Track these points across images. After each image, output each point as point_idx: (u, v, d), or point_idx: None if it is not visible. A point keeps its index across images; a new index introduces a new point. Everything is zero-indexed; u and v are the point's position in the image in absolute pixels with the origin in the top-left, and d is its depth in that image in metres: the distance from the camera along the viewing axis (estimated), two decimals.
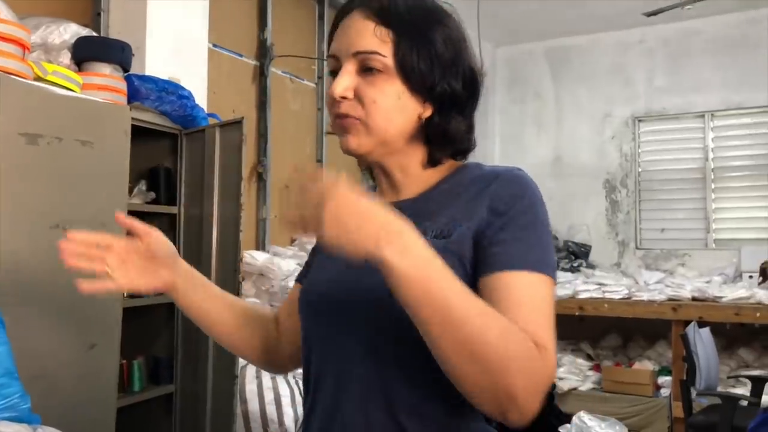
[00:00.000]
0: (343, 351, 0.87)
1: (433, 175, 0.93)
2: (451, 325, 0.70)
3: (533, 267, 0.80)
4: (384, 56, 0.85)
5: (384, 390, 0.83)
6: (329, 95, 0.87)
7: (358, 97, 0.86)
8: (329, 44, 0.91)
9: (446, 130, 0.89)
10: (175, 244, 2.70)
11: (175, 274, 1.01)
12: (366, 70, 0.86)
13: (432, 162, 0.92)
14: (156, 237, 1.02)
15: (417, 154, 0.92)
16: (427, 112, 0.88)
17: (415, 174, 0.93)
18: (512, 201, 0.84)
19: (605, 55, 5.43)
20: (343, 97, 0.86)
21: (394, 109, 0.86)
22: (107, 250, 0.98)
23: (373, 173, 0.98)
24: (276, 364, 1.13)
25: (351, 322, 0.86)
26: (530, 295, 0.79)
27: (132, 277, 0.97)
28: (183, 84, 2.66)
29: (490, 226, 0.83)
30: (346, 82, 0.86)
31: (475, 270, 0.82)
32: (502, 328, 0.72)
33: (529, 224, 0.83)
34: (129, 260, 0.98)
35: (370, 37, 0.85)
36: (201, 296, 1.04)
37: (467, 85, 0.90)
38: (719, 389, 3.61)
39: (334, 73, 0.88)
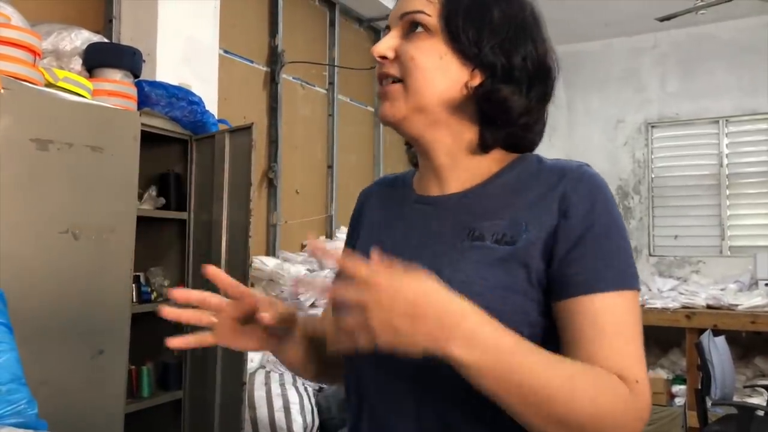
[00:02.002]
0: (389, 374, 0.79)
1: (486, 165, 0.84)
2: (536, 405, 0.66)
3: (614, 285, 0.73)
4: (428, 15, 0.80)
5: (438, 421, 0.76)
6: (372, 56, 0.83)
7: (399, 57, 0.81)
8: None
9: (497, 97, 0.79)
10: (184, 249, 2.73)
11: (282, 341, 0.88)
12: (411, 32, 0.82)
13: (483, 146, 0.83)
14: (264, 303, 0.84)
15: (465, 135, 0.83)
16: (476, 81, 0.80)
17: (464, 160, 0.83)
18: (586, 207, 0.76)
19: (618, 60, 5.40)
20: (384, 57, 0.82)
21: (435, 68, 0.79)
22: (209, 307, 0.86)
23: (418, 160, 0.89)
24: None
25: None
26: (613, 321, 0.72)
27: (226, 336, 0.86)
28: (194, 90, 2.66)
29: (563, 238, 0.75)
30: (387, 41, 0.82)
31: (543, 284, 0.75)
32: (593, 389, 0.67)
33: (606, 234, 0.75)
34: (228, 320, 0.86)
35: None
36: (294, 352, 0.91)
37: (531, 63, 0.82)
38: (735, 399, 3.55)
39: None
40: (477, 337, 0.65)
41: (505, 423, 0.70)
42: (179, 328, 2.73)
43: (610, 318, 0.72)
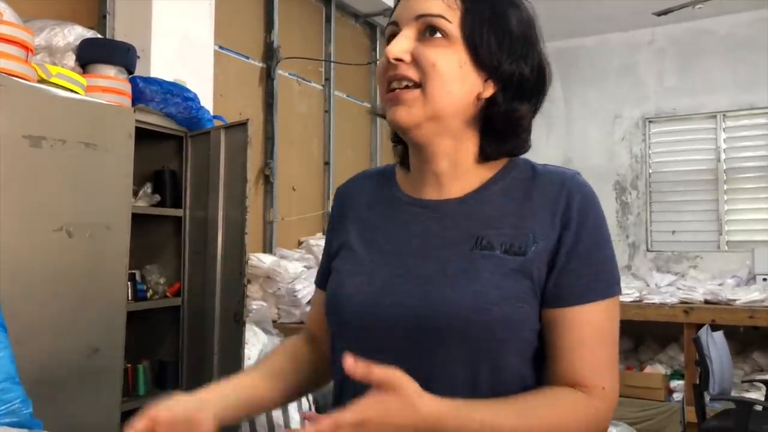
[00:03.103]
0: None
1: (483, 172, 0.84)
2: None
3: (600, 295, 0.78)
4: (450, 21, 0.78)
5: None
6: (383, 59, 0.80)
7: (416, 61, 0.78)
8: (392, 13, 0.85)
9: (511, 114, 0.80)
10: (180, 247, 2.72)
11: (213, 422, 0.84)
12: (427, 35, 0.79)
13: (485, 155, 0.83)
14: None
15: (468, 144, 0.83)
16: (488, 92, 0.80)
17: (465, 168, 0.83)
18: (581, 218, 0.79)
19: (615, 55, 5.38)
20: (399, 60, 0.78)
21: (455, 77, 0.78)
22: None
23: (409, 161, 0.88)
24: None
25: (424, 349, 0.79)
26: (593, 332, 0.78)
27: None
28: (189, 86, 2.64)
29: (562, 250, 0.78)
30: (403, 43, 0.79)
31: (542, 291, 0.79)
32: (553, 422, 0.75)
33: (597, 245, 0.79)
34: None
35: (438, 3, 0.79)
36: (245, 408, 0.90)
37: (536, 75, 0.82)
38: (733, 394, 3.56)
39: (391, 39, 0.82)
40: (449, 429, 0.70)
41: None
42: (175, 327, 2.72)
43: (590, 330, 0.78)
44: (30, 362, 1.77)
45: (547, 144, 5.58)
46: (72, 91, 2.13)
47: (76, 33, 2.35)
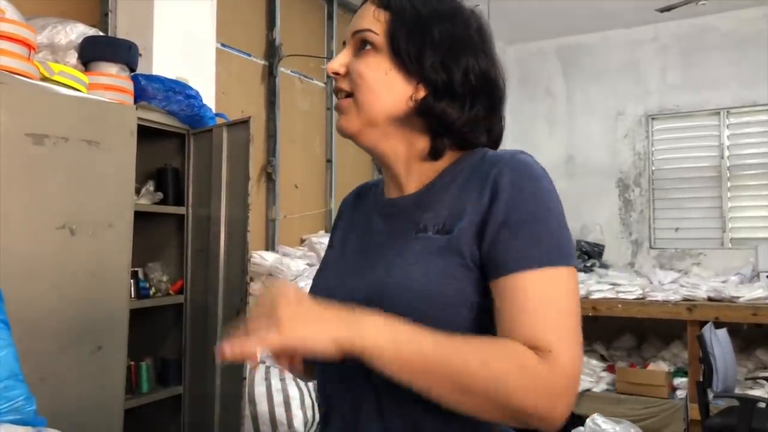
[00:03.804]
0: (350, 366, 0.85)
1: (438, 165, 0.90)
2: (434, 380, 0.73)
3: (539, 263, 0.77)
4: (376, 33, 0.87)
5: (398, 407, 0.82)
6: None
7: (349, 73, 0.88)
8: None
9: (438, 113, 0.86)
10: (183, 244, 2.72)
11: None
12: (361, 49, 0.88)
13: (434, 153, 0.89)
14: None
15: (418, 143, 0.89)
16: (420, 94, 0.87)
17: (420, 165, 0.90)
18: (513, 191, 0.80)
19: (617, 52, 5.36)
20: (337, 74, 0.89)
21: (381, 83, 0.86)
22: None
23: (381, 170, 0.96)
24: None
25: None
26: (536, 296, 0.76)
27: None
28: (191, 84, 2.64)
29: (492, 222, 0.79)
30: (340, 59, 0.89)
31: (478, 265, 0.80)
32: (483, 356, 0.73)
33: (532, 215, 0.79)
34: None
35: (368, 17, 0.88)
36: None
37: (474, 78, 0.87)
38: (737, 391, 3.55)
39: None
40: (372, 331, 0.72)
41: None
42: (178, 325, 2.73)
43: (533, 294, 0.76)
44: (34, 360, 1.77)
45: (550, 141, 5.58)
46: (74, 88, 2.13)
47: (78, 31, 2.35)
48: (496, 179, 0.81)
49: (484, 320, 0.79)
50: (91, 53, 2.34)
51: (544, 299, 0.76)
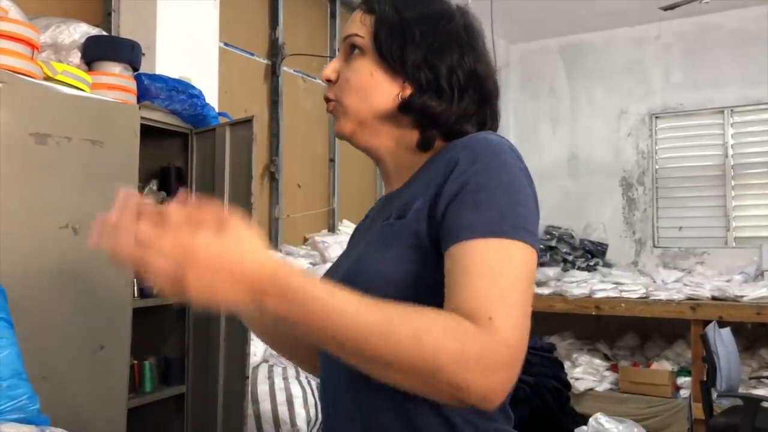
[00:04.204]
0: (330, 363, 0.87)
1: (424, 157, 0.92)
2: (353, 348, 0.68)
3: (484, 233, 0.73)
4: (362, 37, 0.91)
5: (367, 405, 0.83)
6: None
7: (339, 79, 0.92)
8: None
9: (425, 109, 0.89)
10: None
11: None
12: (350, 53, 0.92)
13: (423, 145, 0.91)
14: None
15: (408, 138, 0.92)
16: (407, 92, 0.89)
17: (406, 160, 0.93)
18: (465, 167, 0.79)
19: (621, 51, 5.35)
20: (329, 80, 0.93)
21: (367, 85, 0.90)
22: None
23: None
24: None
25: None
26: (478, 265, 0.72)
27: None
28: (194, 83, 2.64)
29: (443, 198, 0.78)
30: (332, 65, 0.93)
31: (433, 244, 0.79)
32: (413, 326, 0.67)
33: (484, 187, 0.76)
34: None
35: (357, 23, 0.93)
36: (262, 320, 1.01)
37: (462, 73, 0.89)
38: (740, 390, 3.54)
39: None
40: (286, 290, 0.67)
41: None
42: (181, 324, 2.73)
43: (474, 262, 0.72)
44: (37, 359, 1.78)
45: (553, 139, 5.57)
46: (77, 88, 2.13)
47: (81, 30, 2.35)
48: (453, 157, 0.81)
49: (442, 298, 0.74)
50: (94, 53, 2.34)
51: (487, 269, 0.72)
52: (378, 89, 0.90)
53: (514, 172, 0.79)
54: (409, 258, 0.80)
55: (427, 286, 0.77)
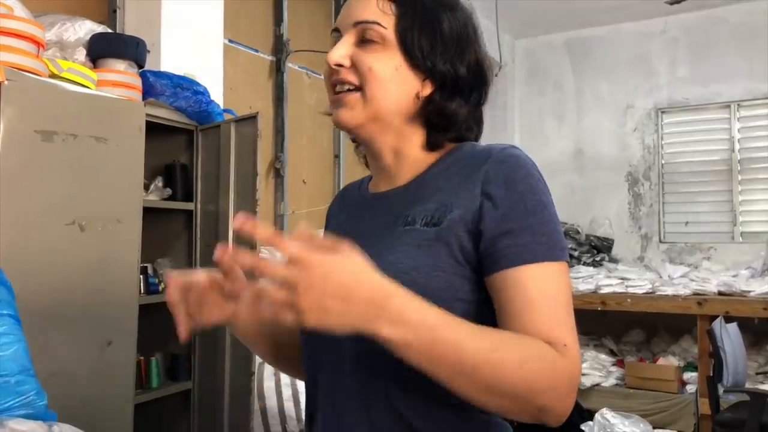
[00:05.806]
0: (333, 358, 0.85)
1: (428, 159, 0.89)
2: (464, 375, 0.69)
3: (541, 257, 0.76)
4: (385, 27, 0.84)
5: (385, 399, 0.81)
6: (326, 64, 0.85)
7: (355, 66, 0.84)
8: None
9: (445, 111, 0.86)
10: (191, 240, 2.73)
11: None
12: (365, 41, 0.84)
13: (430, 146, 0.88)
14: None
15: (414, 137, 0.89)
16: (426, 91, 0.86)
17: (410, 157, 0.89)
18: (509, 185, 0.79)
19: (627, 45, 5.32)
20: (339, 65, 0.84)
21: (392, 79, 0.84)
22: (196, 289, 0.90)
23: (367, 159, 0.96)
24: None
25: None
26: (542, 290, 0.75)
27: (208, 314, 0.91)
28: (199, 80, 2.65)
29: (489, 218, 0.78)
30: (343, 49, 0.84)
31: (473, 262, 0.79)
32: (519, 355, 0.71)
33: (532, 211, 0.78)
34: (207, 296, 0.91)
35: (373, 8, 0.84)
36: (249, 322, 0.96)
37: (473, 72, 0.87)
38: (747, 386, 3.53)
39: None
40: (403, 315, 0.67)
41: (452, 403, 0.75)
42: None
43: (537, 288, 0.75)
44: (44, 355, 1.79)
45: (559, 134, 5.55)
46: (83, 85, 2.13)
47: (86, 28, 2.36)
48: (488, 174, 0.80)
49: (471, 314, 0.77)
50: (99, 50, 2.35)
51: (550, 292, 0.76)
52: (401, 85, 0.84)
53: (547, 191, 0.82)
54: (443, 268, 0.79)
55: (460, 298, 0.79)
